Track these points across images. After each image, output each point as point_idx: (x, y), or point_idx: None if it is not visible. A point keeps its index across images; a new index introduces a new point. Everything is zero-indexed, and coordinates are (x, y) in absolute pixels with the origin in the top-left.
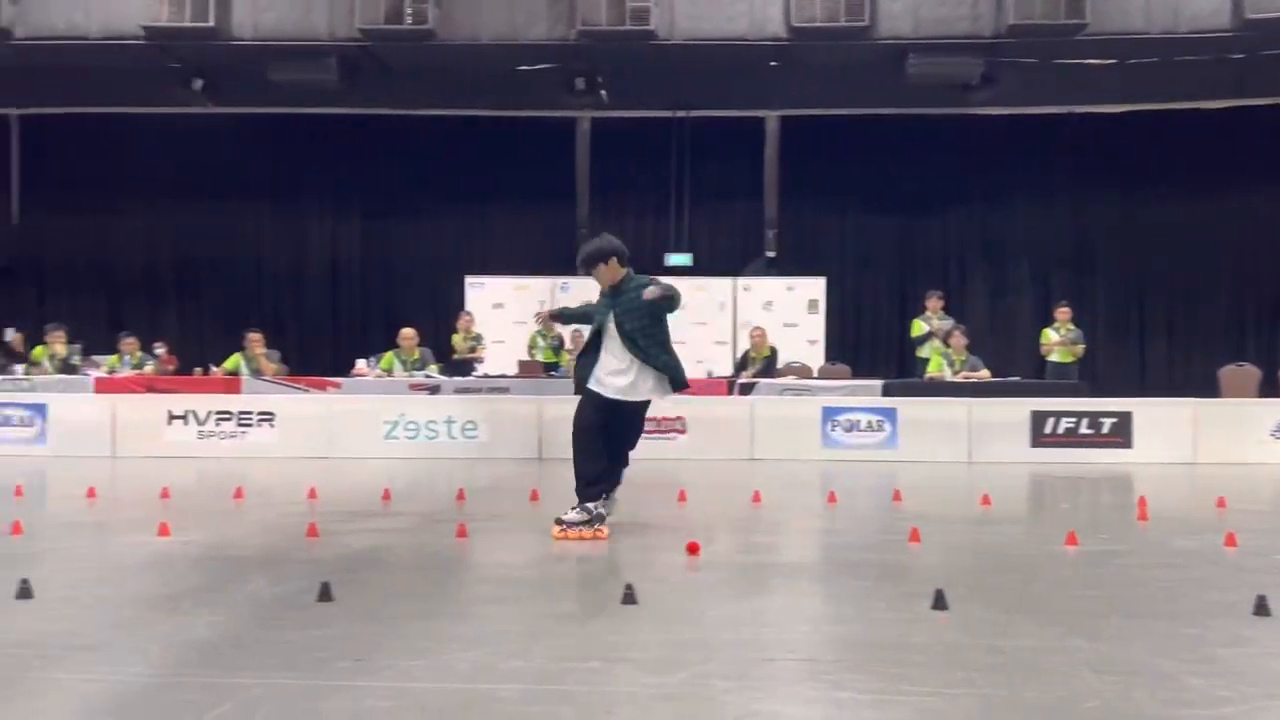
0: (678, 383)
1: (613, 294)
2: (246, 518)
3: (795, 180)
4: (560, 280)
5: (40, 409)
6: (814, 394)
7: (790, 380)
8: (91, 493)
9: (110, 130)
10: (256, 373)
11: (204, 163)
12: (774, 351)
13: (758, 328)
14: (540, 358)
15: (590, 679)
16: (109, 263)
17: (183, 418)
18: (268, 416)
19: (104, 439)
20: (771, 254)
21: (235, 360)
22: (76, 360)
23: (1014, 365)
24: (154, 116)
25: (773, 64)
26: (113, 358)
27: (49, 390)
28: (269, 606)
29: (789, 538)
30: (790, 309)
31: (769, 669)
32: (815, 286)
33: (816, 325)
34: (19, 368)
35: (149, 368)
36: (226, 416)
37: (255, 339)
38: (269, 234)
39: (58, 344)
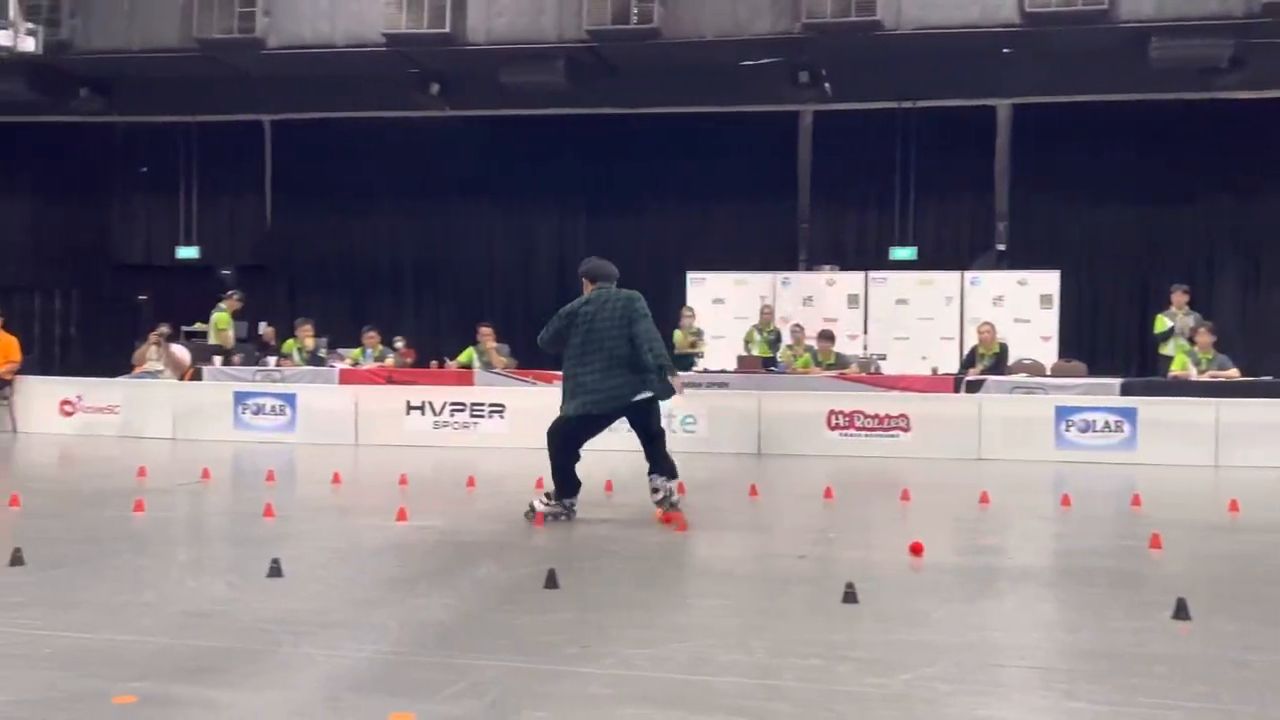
0: None
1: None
2: (478, 505)
3: (1028, 170)
4: (781, 275)
5: (290, 398)
6: (1046, 392)
7: (1021, 378)
8: (336, 478)
9: (354, 134)
10: (488, 366)
11: (440, 164)
12: (1003, 348)
13: (986, 323)
14: (757, 352)
15: (809, 676)
16: (353, 261)
17: (420, 408)
18: (498, 408)
19: (347, 427)
20: (1001, 247)
21: (468, 353)
22: (323, 353)
23: (1269, 364)
24: (394, 120)
25: (1005, 51)
26: (356, 351)
27: (298, 381)
28: (499, 591)
29: (1018, 540)
30: (1021, 304)
31: (996, 674)
32: (1049, 280)
33: (1049, 321)
34: (271, 360)
35: (389, 360)
36: (460, 407)
37: (486, 333)
38: (499, 232)
39: (306, 337)
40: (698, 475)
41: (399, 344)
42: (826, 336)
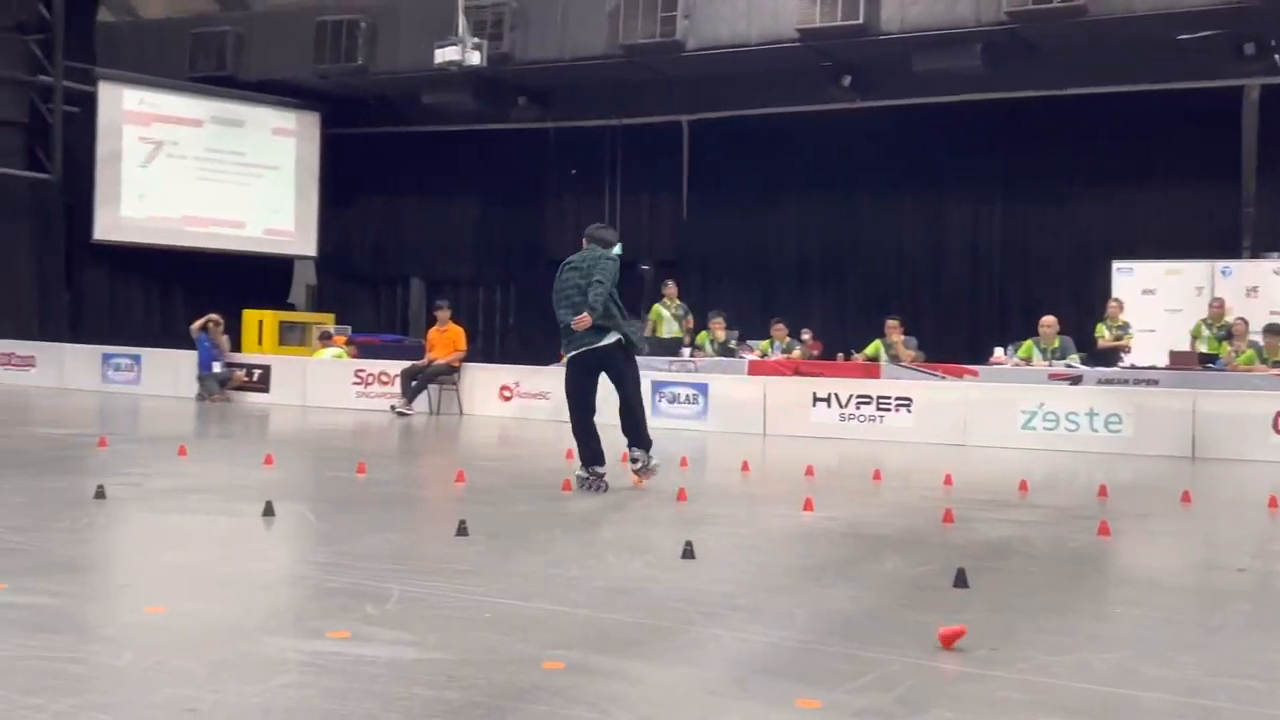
0: None
1: None
2: (884, 499)
3: None
4: (1221, 264)
5: (703, 388)
6: None
7: None
8: (745, 466)
9: (766, 130)
10: (895, 359)
11: (849, 156)
12: None
13: None
14: (1204, 348)
15: (1245, 698)
16: (763, 254)
17: (826, 400)
18: (905, 402)
19: (756, 417)
20: None
21: (875, 346)
22: (734, 344)
23: None
24: (805, 115)
25: None
26: (764, 342)
27: (710, 371)
28: (905, 586)
29: None
30: None
31: None
32: None
33: None
34: (685, 351)
35: (796, 352)
36: (866, 400)
37: (893, 325)
38: (909, 222)
39: (718, 330)
40: (1122, 478)
41: (806, 336)
42: (1274, 331)
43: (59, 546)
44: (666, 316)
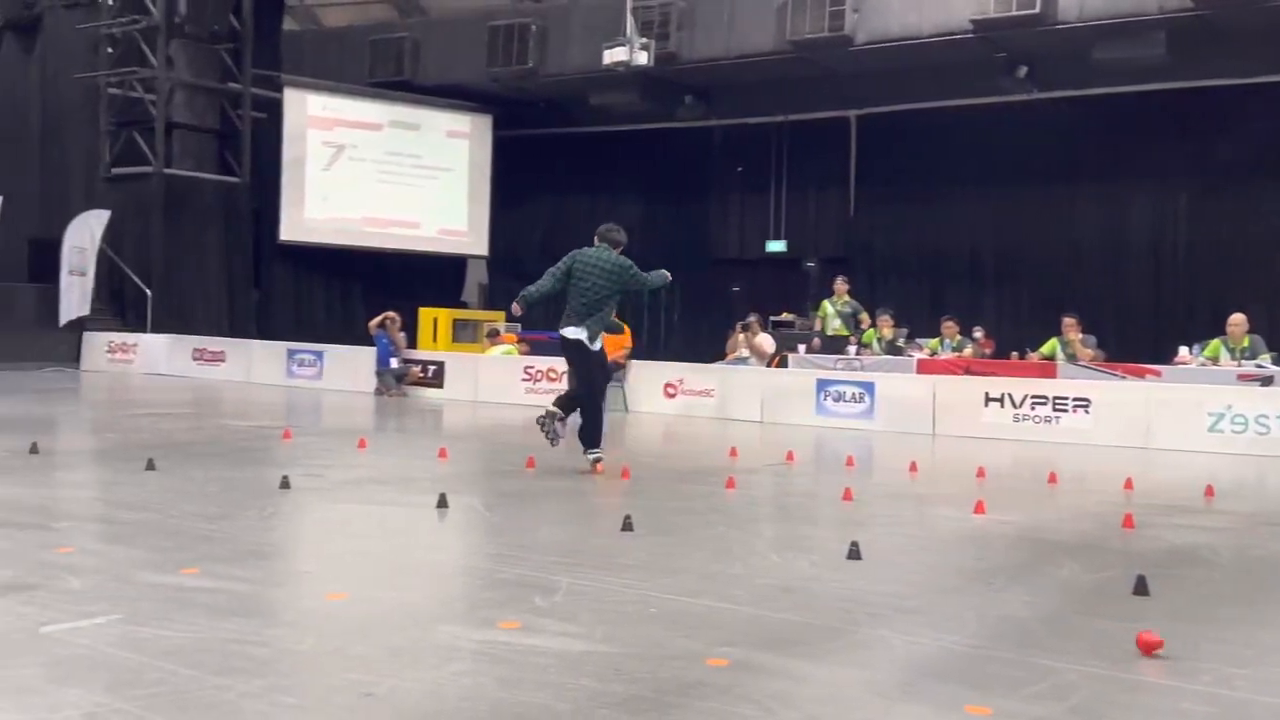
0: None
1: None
2: (1060, 502)
3: None
4: None
5: (869, 387)
6: None
7: None
8: (913, 467)
9: (936, 124)
10: (1072, 358)
11: (1023, 149)
12: None
13: None
14: None
15: None
16: (933, 250)
17: (999, 400)
18: (1083, 402)
19: (925, 417)
20: None
21: (1052, 345)
22: (901, 343)
23: None
24: (977, 108)
25: None
26: (934, 340)
27: (877, 370)
28: (1082, 593)
29: None
30: None
31: None
32: None
33: None
34: (851, 349)
35: (968, 350)
36: (1042, 401)
37: (1070, 323)
38: (1087, 217)
39: (885, 328)
40: None
41: (978, 334)
42: None
43: (247, 534)
44: (831, 313)
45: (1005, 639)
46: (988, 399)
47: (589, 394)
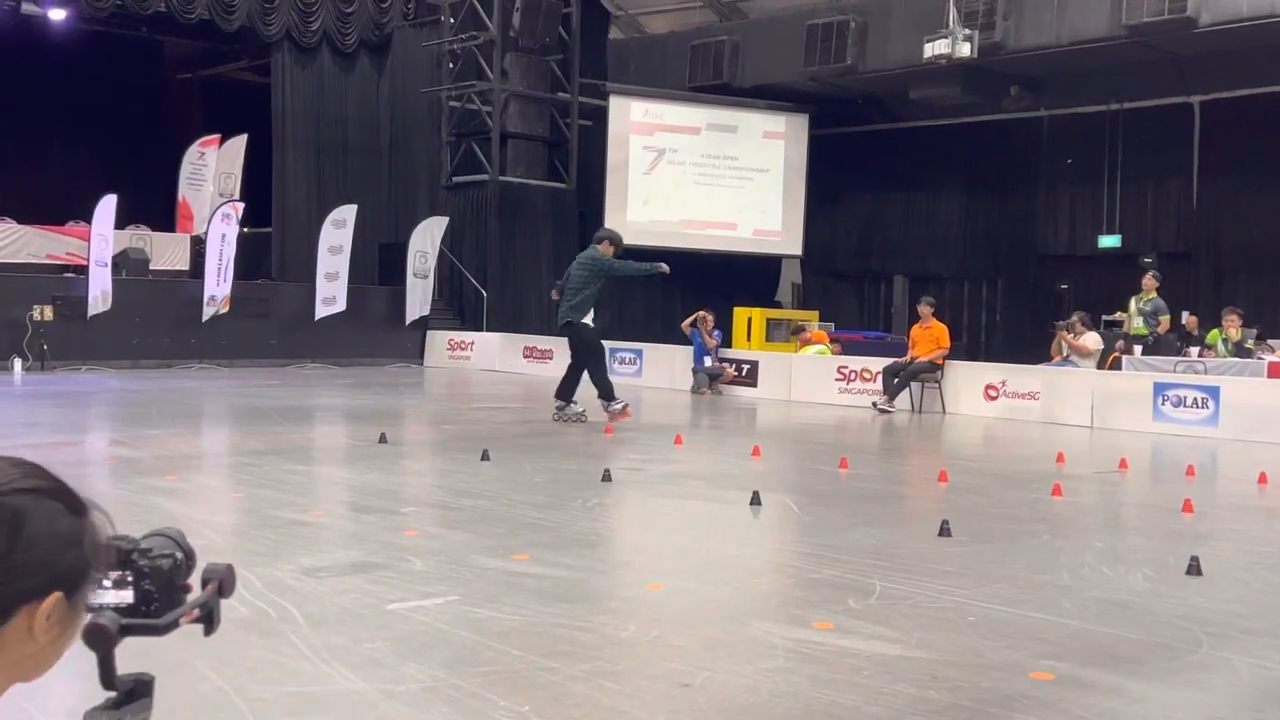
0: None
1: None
2: None
3: None
4: None
5: (1213, 391)
6: None
7: None
8: (1263, 478)
9: None
10: None
11: None
12: None
13: None
14: None
15: None
16: None
17: None
18: None
19: (1276, 424)
20: None
21: None
22: (1250, 344)
23: None
24: None
25: None
26: None
27: (1222, 373)
28: None
29: None
30: None
31: None
32: None
33: None
34: (1194, 350)
35: None
36: None
37: None
38: None
39: (1232, 328)
40: None
41: None
42: None
43: (572, 523)
44: (1134, 311)
45: None
46: None
47: (582, 366)
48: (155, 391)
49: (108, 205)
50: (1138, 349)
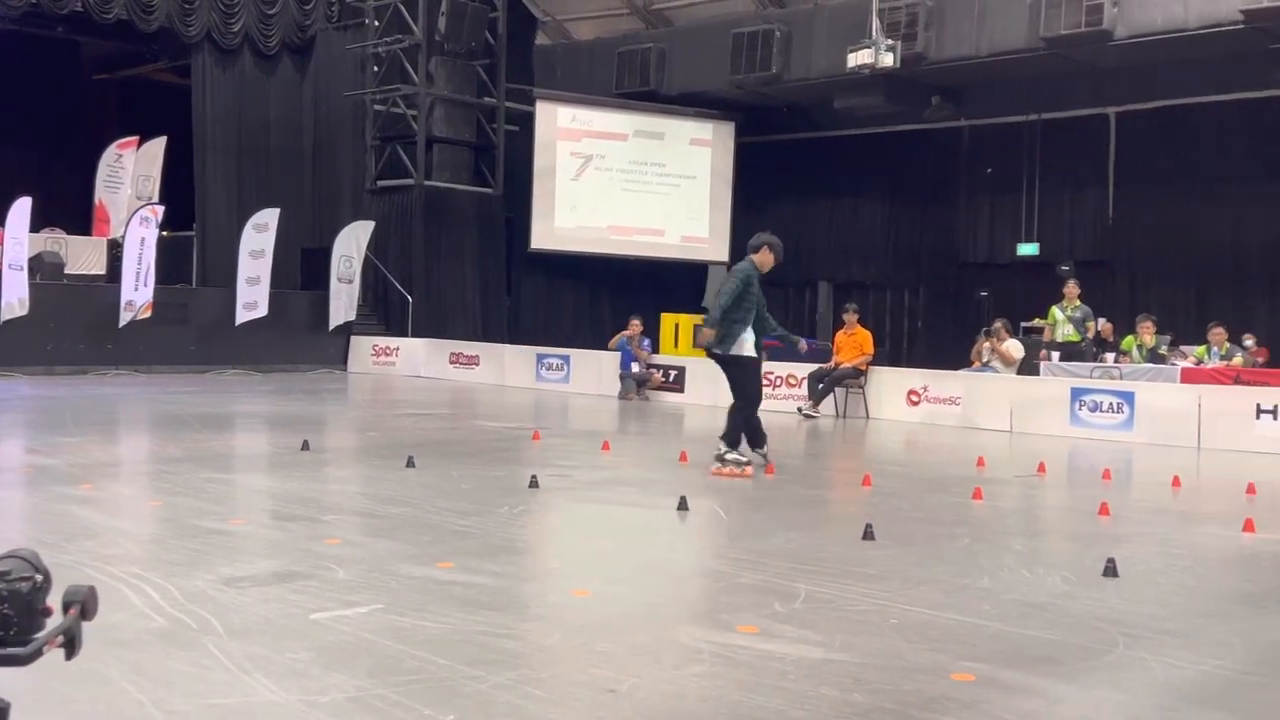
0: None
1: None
2: None
3: None
4: None
5: (1128, 397)
6: None
7: None
8: (1176, 482)
9: (1202, 119)
10: None
11: None
12: None
13: None
14: None
15: None
16: (1198, 253)
17: (1271, 412)
18: None
19: (1189, 429)
20: None
21: None
22: (1164, 350)
23: None
24: (1246, 102)
25: None
26: (1200, 348)
27: (1136, 379)
28: None
29: None
30: None
31: None
32: None
33: None
34: (1109, 356)
35: (1237, 359)
36: None
37: None
38: None
39: (1146, 334)
40: None
41: (1249, 342)
42: None
43: (498, 530)
44: (1061, 319)
45: (1276, 667)
46: (1260, 411)
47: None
48: (70, 398)
49: (22, 207)
50: (1109, 357)
